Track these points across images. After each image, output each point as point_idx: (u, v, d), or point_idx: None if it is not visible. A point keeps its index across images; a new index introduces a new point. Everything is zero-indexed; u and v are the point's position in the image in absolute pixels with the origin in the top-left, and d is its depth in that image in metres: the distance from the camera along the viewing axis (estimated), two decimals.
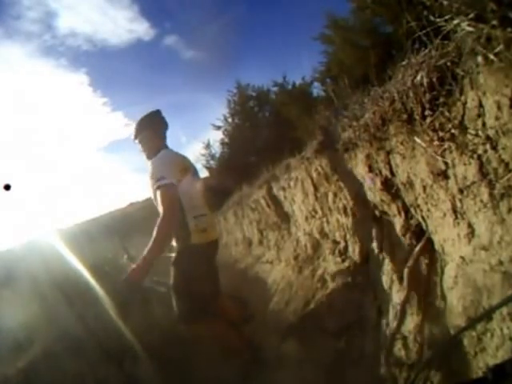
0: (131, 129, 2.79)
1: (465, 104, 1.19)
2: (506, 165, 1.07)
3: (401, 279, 1.85)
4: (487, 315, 1.18)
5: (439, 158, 1.36)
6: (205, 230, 2.57)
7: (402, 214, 1.87)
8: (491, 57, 1.01)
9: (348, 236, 2.87)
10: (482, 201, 1.20)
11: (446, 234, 1.50)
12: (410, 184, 1.70)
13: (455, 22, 1.14)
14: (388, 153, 1.82)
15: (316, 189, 3.24)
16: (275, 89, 11.59)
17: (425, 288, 1.66)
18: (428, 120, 1.37)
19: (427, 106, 1.36)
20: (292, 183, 3.87)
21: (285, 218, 4.56)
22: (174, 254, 2.56)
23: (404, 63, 1.55)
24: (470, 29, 1.08)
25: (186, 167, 2.63)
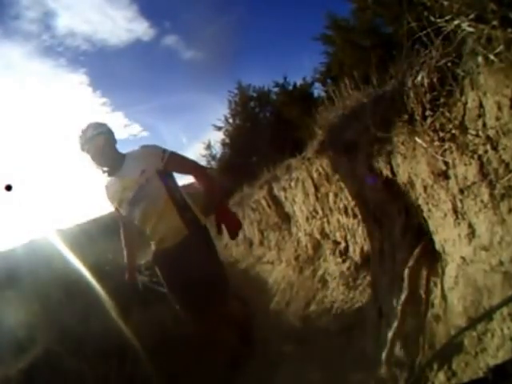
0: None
1: (465, 104, 1.19)
2: (507, 165, 1.07)
3: (401, 279, 1.84)
4: (488, 315, 1.17)
5: (440, 159, 1.36)
6: None
7: (403, 214, 1.87)
8: (491, 57, 1.01)
9: (349, 236, 2.87)
10: (482, 201, 1.20)
11: (446, 234, 1.50)
12: (410, 184, 1.70)
13: (456, 22, 1.14)
14: (389, 153, 1.82)
15: (317, 189, 3.25)
16: (276, 89, 11.63)
17: (425, 288, 1.65)
18: (429, 120, 1.37)
19: (428, 106, 1.36)
20: (293, 183, 3.87)
21: (285, 218, 4.56)
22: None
23: (404, 64, 1.55)
24: (471, 29, 1.08)
25: None
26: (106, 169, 2.49)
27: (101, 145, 2.41)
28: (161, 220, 2.41)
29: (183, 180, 2.86)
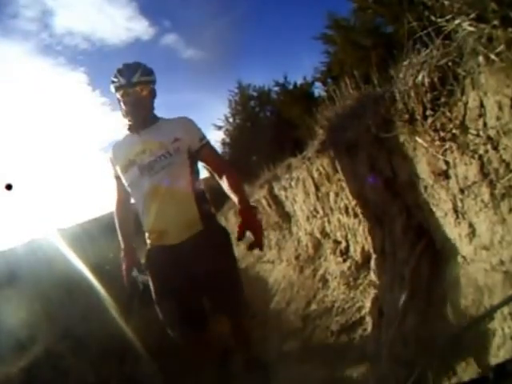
0: None
1: (466, 104, 1.19)
2: (507, 165, 1.07)
3: (402, 279, 1.85)
4: (488, 314, 1.18)
5: (440, 158, 1.36)
6: None
7: (404, 213, 1.87)
8: (492, 57, 1.01)
9: (349, 236, 2.87)
10: (482, 201, 1.20)
11: (447, 233, 1.50)
12: (411, 184, 1.70)
13: (456, 21, 1.14)
14: (389, 153, 1.82)
15: (317, 189, 3.25)
16: (276, 89, 11.65)
17: (426, 288, 1.66)
18: (429, 120, 1.37)
19: (428, 105, 1.36)
20: (293, 183, 3.87)
21: (286, 217, 4.56)
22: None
23: (405, 63, 1.55)
24: (471, 29, 1.09)
25: None
26: (131, 122, 2.06)
27: (143, 96, 2.01)
28: (172, 204, 1.94)
29: None
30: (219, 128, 12.89)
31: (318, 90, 10.20)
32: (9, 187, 3.07)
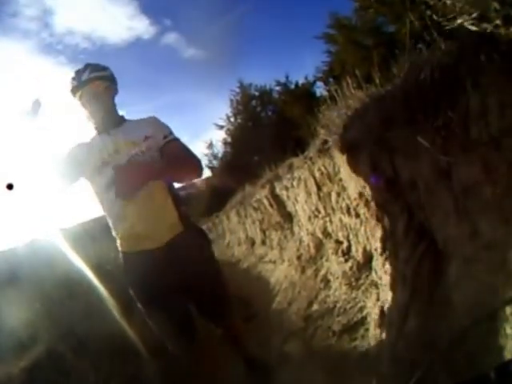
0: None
1: (468, 103, 1.18)
2: (509, 164, 1.07)
3: (404, 279, 1.84)
4: (491, 315, 1.17)
5: (442, 158, 1.36)
6: None
7: (405, 213, 1.87)
8: (494, 56, 1.01)
9: (351, 236, 2.87)
10: (485, 200, 1.20)
11: (449, 233, 1.50)
12: (413, 183, 1.69)
13: (458, 21, 1.14)
14: (391, 152, 1.82)
15: (319, 188, 3.25)
16: (278, 88, 11.60)
17: (428, 287, 1.65)
18: (431, 119, 1.36)
19: (430, 105, 1.36)
20: (295, 183, 3.87)
21: (288, 217, 4.56)
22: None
23: (407, 62, 1.55)
24: (474, 28, 1.08)
25: None
26: (96, 124, 1.93)
27: (99, 91, 1.88)
28: (151, 205, 1.80)
29: None
30: (221, 127, 12.90)
31: (320, 90, 10.17)
32: (10, 187, 3.06)
